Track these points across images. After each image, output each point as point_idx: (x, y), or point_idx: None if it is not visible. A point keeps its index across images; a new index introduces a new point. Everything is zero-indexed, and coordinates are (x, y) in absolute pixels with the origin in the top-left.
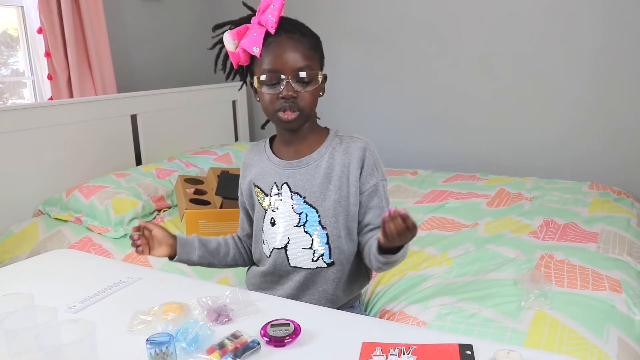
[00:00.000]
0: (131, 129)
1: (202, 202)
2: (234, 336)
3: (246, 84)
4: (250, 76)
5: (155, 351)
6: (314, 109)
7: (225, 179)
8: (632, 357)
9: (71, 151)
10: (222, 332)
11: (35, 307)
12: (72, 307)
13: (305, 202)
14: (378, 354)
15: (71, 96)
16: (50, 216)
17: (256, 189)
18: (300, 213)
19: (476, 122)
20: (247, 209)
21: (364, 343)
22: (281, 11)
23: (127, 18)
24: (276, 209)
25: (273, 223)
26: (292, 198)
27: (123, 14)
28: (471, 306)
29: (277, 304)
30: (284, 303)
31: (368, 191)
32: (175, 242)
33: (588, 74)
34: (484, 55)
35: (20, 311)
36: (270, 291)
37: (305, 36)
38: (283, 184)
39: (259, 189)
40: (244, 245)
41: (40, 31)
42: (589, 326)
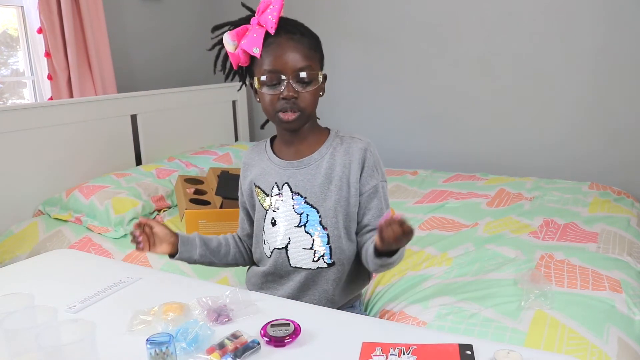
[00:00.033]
0: (131, 129)
1: (202, 202)
2: (234, 336)
3: (246, 85)
4: (250, 77)
5: (155, 351)
6: (315, 109)
7: (225, 179)
8: (632, 357)
9: (71, 151)
10: (222, 332)
11: (35, 307)
12: (72, 307)
13: (306, 202)
14: (378, 354)
15: (71, 96)
16: (50, 216)
17: (257, 189)
18: (301, 213)
19: (476, 122)
20: (247, 209)
21: (364, 343)
22: (280, 11)
23: (127, 18)
24: (277, 209)
25: (274, 223)
26: (293, 198)
27: (123, 14)
28: (471, 306)
29: (277, 304)
30: (284, 303)
31: (368, 192)
32: (177, 240)
33: (588, 74)
34: (484, 55)
35: (20, 311)
36: (270, 291)
37: (305, 36)
38: (284, 184)
39: (260, 189)
40: (244, 245)
41: (40, 31)
42: (589, 326)
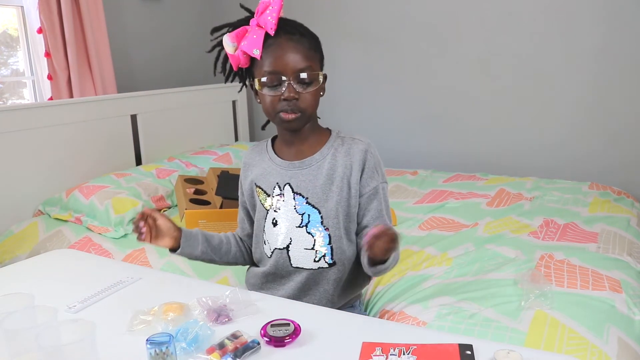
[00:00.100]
0: (131, 129)
1: (202, 202)
2: (234, 336)
3: (246, 86)
4: (250, 78)
5: (155, 351)
6: (316, 109)
7: (225, 179)
8: (632, 357)
9: (71, 151)
10: (222, 332)
11: (35, 307)
12: (72, 307)
13: (307, 202)
14: (378, 354)
15: (71, 96)
16: (50, 216)
17: (258, 189)
18: (303, 214)
19: (476, 122)
20: (247, 209)
21: (364, 343)
22: (280, 12)
23: (127, 18)
24: (278, 209)
25: (275, 223)
26: (294, 199)
27: (123, 14)
28: (471, 306)
29: (277, 304)
30: (284, 303)
31: (368, 194)
32: (180, 234)
33: (588, 74)
34: (484, 55)
35: (20, 311)
36: (271, 291)
37: (304, 37)
38: (285, 185)
39: (261, 189)
40: (244, 244)
41: (40, 31)
42: (589, 326)
